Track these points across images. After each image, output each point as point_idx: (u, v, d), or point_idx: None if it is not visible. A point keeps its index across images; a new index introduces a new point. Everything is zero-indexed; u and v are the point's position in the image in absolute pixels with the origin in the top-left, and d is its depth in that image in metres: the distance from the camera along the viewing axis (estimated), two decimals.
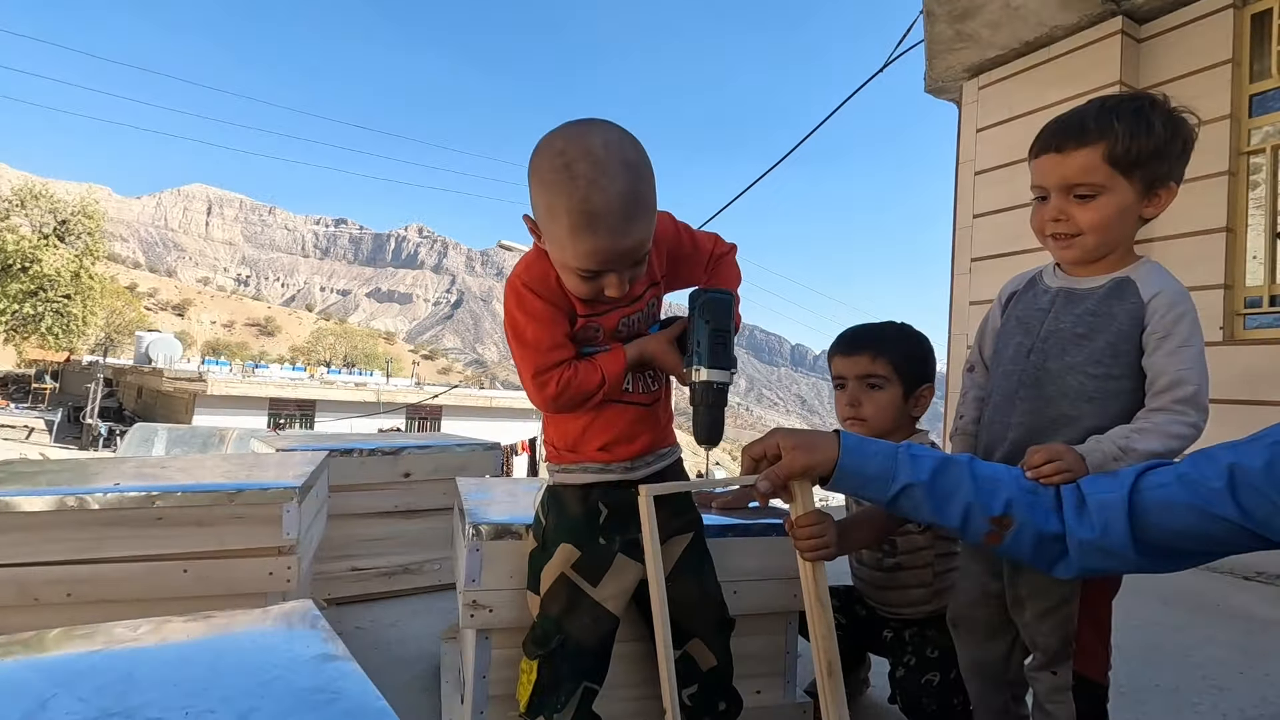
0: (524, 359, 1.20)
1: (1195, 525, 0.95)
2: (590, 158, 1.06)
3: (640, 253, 1.13)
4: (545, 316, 1.18)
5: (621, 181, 1.06)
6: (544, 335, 1.18)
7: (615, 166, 1.06)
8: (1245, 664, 2.13)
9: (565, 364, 1.19)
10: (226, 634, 0.72)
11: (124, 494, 1.43)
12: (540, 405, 1.23)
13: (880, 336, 1.61)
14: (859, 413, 1.58)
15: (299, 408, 24.23)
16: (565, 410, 1.23)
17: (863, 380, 1.58)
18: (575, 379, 1.18)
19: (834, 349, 1.65)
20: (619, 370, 1.21)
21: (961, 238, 5.01)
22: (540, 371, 1.18)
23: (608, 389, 1.20)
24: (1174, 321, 1.15)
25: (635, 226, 1.09)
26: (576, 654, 1.23)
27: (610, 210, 1.05)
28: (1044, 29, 4.32)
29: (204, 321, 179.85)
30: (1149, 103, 1.17)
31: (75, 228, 32.30)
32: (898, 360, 1.57)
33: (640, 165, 1.11)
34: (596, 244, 1.07)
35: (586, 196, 1.05)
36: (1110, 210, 1.18)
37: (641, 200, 1.09)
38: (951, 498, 1.06)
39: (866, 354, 1.58)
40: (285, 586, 1.52)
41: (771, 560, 1.50)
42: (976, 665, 1.39)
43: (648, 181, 1.11)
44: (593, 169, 1.05)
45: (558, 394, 1.18)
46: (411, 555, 2.54)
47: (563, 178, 1.06)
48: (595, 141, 1.08)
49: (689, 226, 1.36)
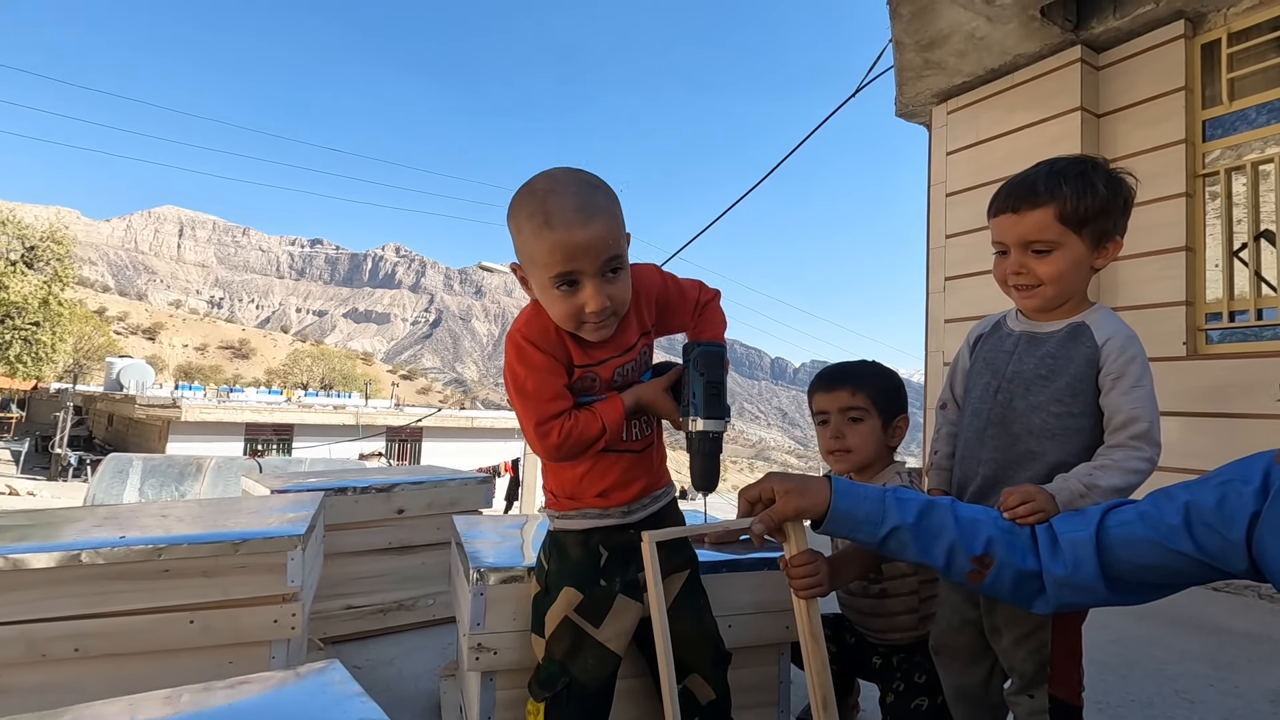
0: (526, 411, 1.24)
1: (1157, 559, 1.03)
2: (549, 177, 1.20)
3: (604, 253, 1.16)
4: (545, 368, 1.23)
5: (577, 188, 1.18)
6: (544, 387, 1.23)
7: (572, 181, 1.19)
8: (1215, 676, 2.22)
9: (565, 414, 1.24)
10: (262, 698, 0.75)
11: (130, 547, 1.46)
12: (544, 455, 1.28)
13: (857, 372, 1.70)
14: (844, 444, 1.65)
15: (276, 433, 23.86)
16: (568, 458, 1.27)
17: (845, 413, 1.65)
18: (576, 428, 1.23)
19: (814, 387, 1.73)
20: (618, 417, 1.26)
21: (935, 257, 5.15)
22: (542, 422, 1.23)
23: (609, 436, 1.25)
24: (1126, 363, 1.25)
25: (594, 221, 1.15)
26: (582, 695, 1.28)
27: (566, 206, 1.15)
28: (1008, 57, 4.48)
29: (176, 345, 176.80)
30: (1091, 166, 1.28)
31: (44, 254, 31.71)
32: (875, 394, 1.65)
33: (598, 184, 1.21)
34: (556, 238, 1.14)
35: (544, 200, 1.17)
36: (1065, 263, 1.28)
37: (597, 203, 1.18)
38: (936, 539, 1.13)
39: (846, 389, 1.66)
40: (290, 633, 1.55)
41: (764, 594, 1.56)
42: (959, 691, 1.46)
43: (606, 196, 1.20)
44: (550, 183, 1.19)
45: (560, 443, 1.23)
46: (406, 591, 2.56)
47: (526, 197, 1.19)
48: (555, 170, 1.22)
49: (674, 276, 1.44)
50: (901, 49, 4.77)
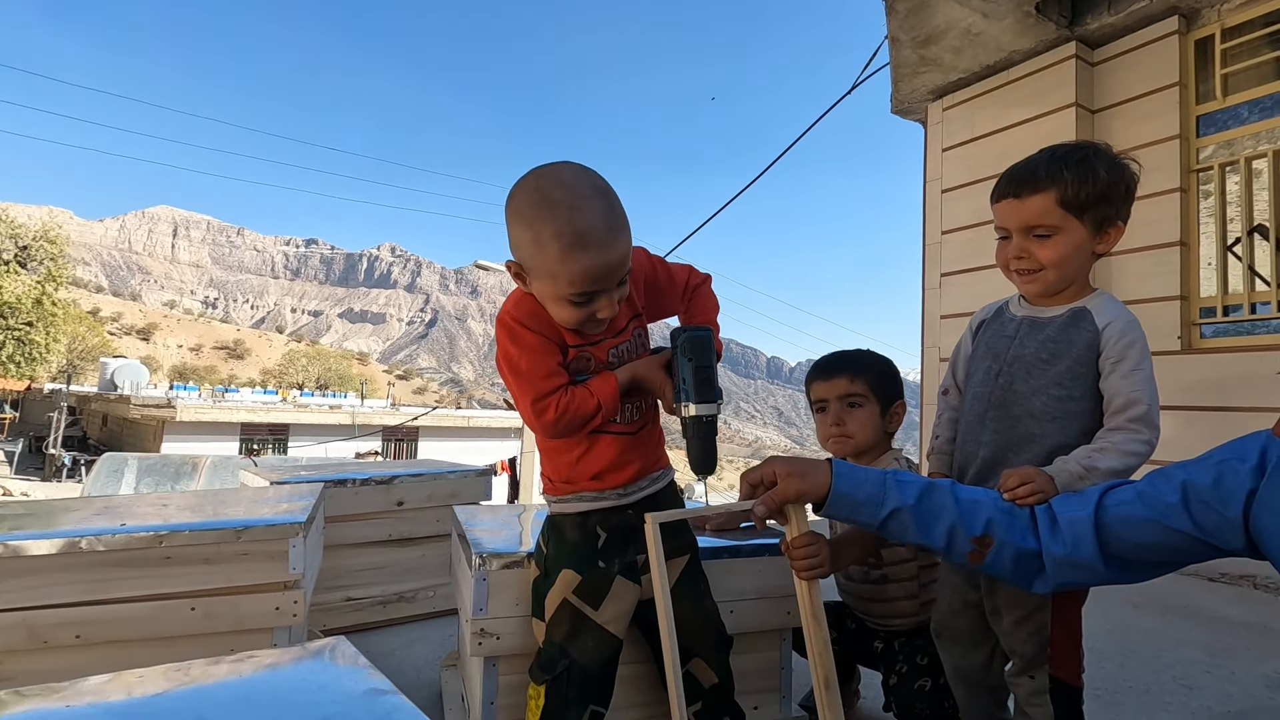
0: (521, 389, 1.25)
1: (1155, 538, 1.04)
2: (564, 186, 1.15)
3: (625, 269, 1.19)
4: (538, 347, 1.24)
5: (598, 201, 1.16)
6: (538, 365, 1.24)
7: (588, 190, 1.16)
8: (1212, 663, 2.24)
9: (561, 390, 1.24)
10: (276, 671, 0.76)
11: (132, 534, 1.46)
12: (541, 432, 1.28)
13: (855, 360, 1.72)
14: (844, 430, 1.66)
15: (272, 432, 23.80)
16: (565, 434, 1.27)
17: (844, 400, 1.67)
18: (572, 404, 1.23)
19: (812, 376, 1.74)
20: (612, 392, 1.26)
21: (931, 253, 5.17)
22: (538, 399, 1.23)
23: (605, 411, 1.25)
24: (1126, 348, 1.26)
25: (619, 241, 1.16)
26: (582, 678, 1.28)
27: (595, 227, 1.13)
28: (1003, 53, 4.50)
29: (170, 346, 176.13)
30: (1093, 151, 1.29)
31: (37, 253, 31.58)
32: (873, 380, 1.67)
33: (608, 189, 1.20)
34: (588, 262, 1.13)
35: (570, 219, 1.13)
36: (1066, 248, 1.29)
37: (619, 216, 1.18)
38: (936, 520, 1.14)
39: (844, 376, 1.68)
40: (292, 621, 1.55)
41: (765, 580, 1.57)
42: (960, 672, 1.47)
43: (618, 203, 1.20)
44: (569, 195, 1.14)
45: (557, 418, 1.23)
46: (406, 583, 2.56)
47: (543, 208, 1.14)
48: (564, 173, 1.18)
49: (663, 259, 1.45)
50: (897, 45, 4.79)
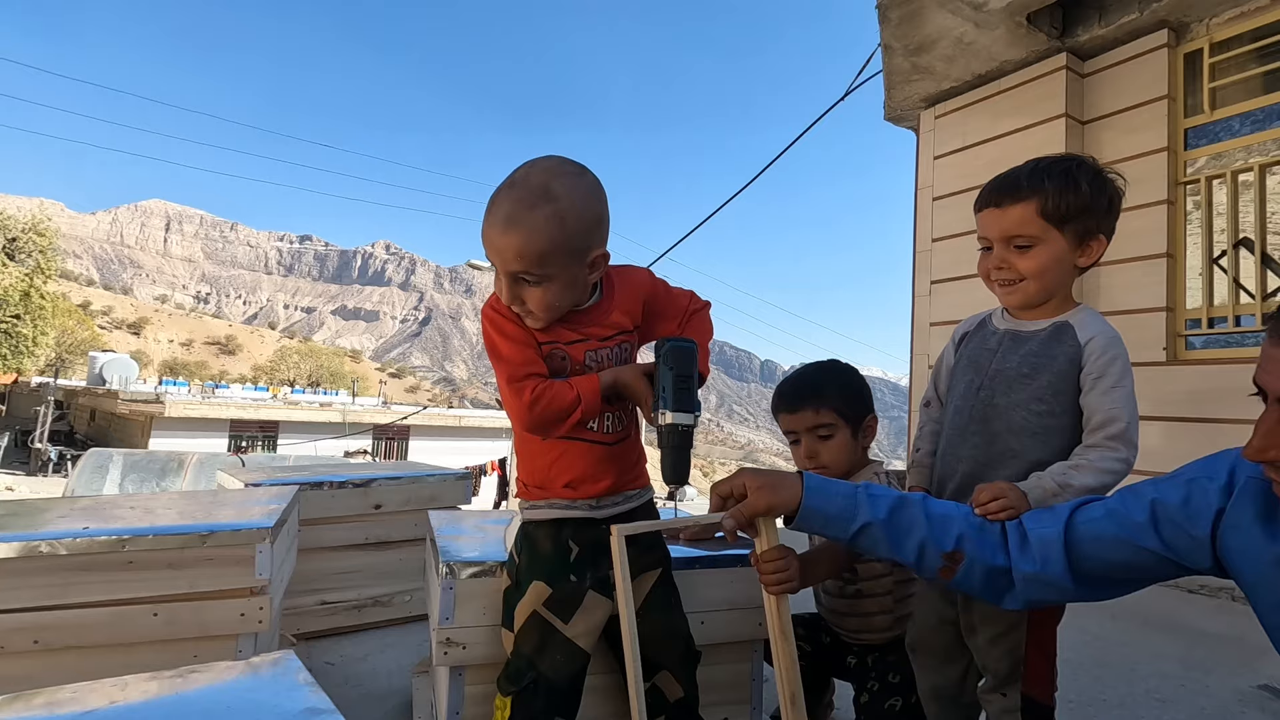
0: (500, 371, 1.28)
1: (1124, 557, 1.03)
2: (520, 173, 1.24)
3: (513, 265, 1.20)
4: (518, 337, 1.28)
5: (515, 191, 1.21)
6: (518, 353, 1.27)
7: (518, 178, 1.22)
8: (1187, 676, 2.24)
9: (539, 376, 1.26)
10: (212, 687, 0.74)
11: (93, 538, 1.43)
12: (518, 416, 1.26)
13: (817, 386, 1.65)
14: (819, 461, 1.61)
15: (261, 429, 23.66)
16: (545, 425, 1.26)
17: (813, 432, 1.62)
18: (549, 391, 1.24)
19: (777, 406, 1.69)
20: (593, 388, 1.25)
21: (921, 261, 5.17)
22: (514, 379, 1.25)
23: (585, 406, 1.24)
24: (1107, 364, 1.24)
25: (514, 231, 1.19)
26: (549, 691, 1.26)
27: (497, 210, 1.21)
28: (994, 63, 4.51)
29: (161, 340, 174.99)
30: (1076, 164, 1.28)
31: (26, 245, 31.33)
32: (839, 405, 1.61)
33: (550, 193, 1.19)
34: (482, 232, 1.23)
35: (493, 195, 1.24)
36: (1046, 259, 1.28)
37: (526, 218, 1.18)
38: (908, 535, 1.12)
39: (809, 408, 1.62)
40: (257, 627, 1.52)
41: (737, 590, 1.55)
42: (934, 689, 1.45)
43: (550, 214, 1.19)
44: (510, 180, 1.23)
45: (533, 401, 1.23)
46: (382, 587, 2.53)
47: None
48: (538, 165, 1.24)
49: (666, 283, 1.44)
50: (890, 53, 4.79)
